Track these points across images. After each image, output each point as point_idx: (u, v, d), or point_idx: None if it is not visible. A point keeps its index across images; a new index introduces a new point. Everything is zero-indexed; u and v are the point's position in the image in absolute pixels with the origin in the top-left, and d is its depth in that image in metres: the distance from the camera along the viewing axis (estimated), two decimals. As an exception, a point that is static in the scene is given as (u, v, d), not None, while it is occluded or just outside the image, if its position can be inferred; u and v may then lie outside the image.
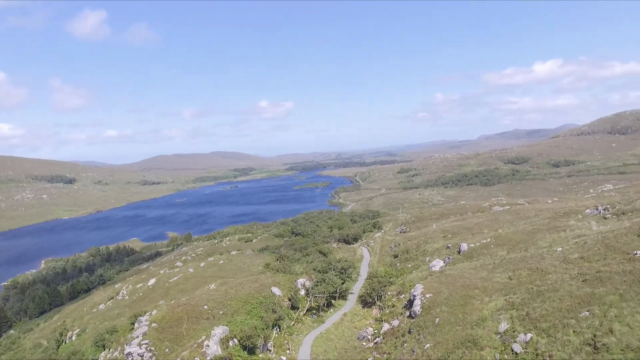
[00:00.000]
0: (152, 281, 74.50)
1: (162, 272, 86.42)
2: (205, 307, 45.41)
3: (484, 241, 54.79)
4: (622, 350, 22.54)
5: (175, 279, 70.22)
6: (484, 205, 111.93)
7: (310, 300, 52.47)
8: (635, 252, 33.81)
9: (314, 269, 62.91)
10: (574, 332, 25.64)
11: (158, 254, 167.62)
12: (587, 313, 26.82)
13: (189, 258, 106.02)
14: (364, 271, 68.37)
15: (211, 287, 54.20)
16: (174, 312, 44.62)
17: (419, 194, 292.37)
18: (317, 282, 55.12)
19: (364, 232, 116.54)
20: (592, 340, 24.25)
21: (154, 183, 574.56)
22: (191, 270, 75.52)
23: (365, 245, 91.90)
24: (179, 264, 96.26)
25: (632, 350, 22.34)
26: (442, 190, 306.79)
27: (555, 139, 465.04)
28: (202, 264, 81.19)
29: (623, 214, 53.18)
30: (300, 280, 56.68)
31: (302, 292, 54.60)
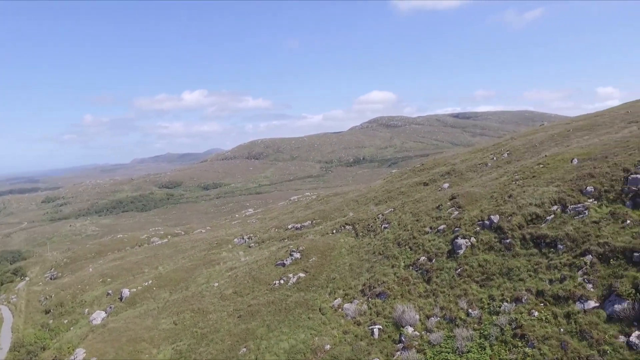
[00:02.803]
0: None
1: None
2: None
3: (146, 283, 55.15)
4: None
5: None
6: (142, 238, 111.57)
7: None
8: (274, 282, 40.29)
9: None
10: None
11: None
12: (245, 349, 30.63)
13: None
14: (5, 340, 58.36)
15: None
16: None
17: (70, 225, 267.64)
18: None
19: (1, 284, 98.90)
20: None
21: None
22: None
23: (4, 302, 78.21)
24: None
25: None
26: (97, 219, 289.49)
27: (204, 163, 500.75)
28: None
29: (262, 242, 62.09)
30: None
31: None
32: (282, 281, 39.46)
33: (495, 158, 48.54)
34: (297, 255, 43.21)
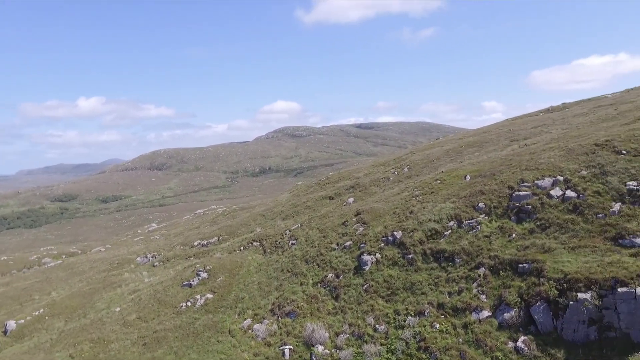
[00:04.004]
0: None
1: None
2: None
3: (37, 313, 50.74)
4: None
5: None
6: (31, 259, 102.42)
7: None
8: (181, 304, 38.99)
9: None
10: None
11: None
12: (149, 380, 29.28)
13: None
14: None
15: None
16: None
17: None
18: None
19: None
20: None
21: None
22: None
23: None
24: None
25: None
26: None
27: (102, 174, 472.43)
28: None
29: (167, 260, 59.85)
30: None
31: None
32: (189, 303, 38.29)
33: (396, 172, 50.90)
34: (204, 274, 42.19)
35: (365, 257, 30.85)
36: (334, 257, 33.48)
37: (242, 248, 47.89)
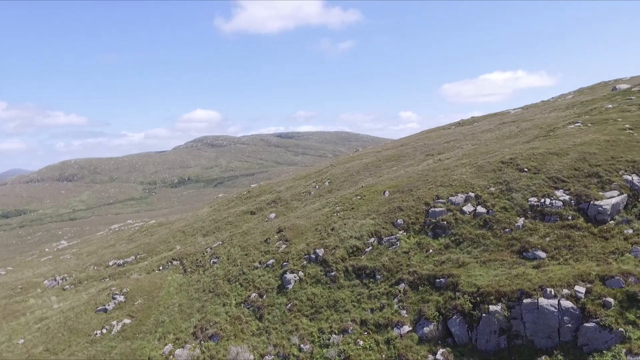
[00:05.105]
0: None
1: None
2: None
3: None
4: None
5: None
6: None
7: None
8: (95, 332, 36.84)
9: None
10: None
11: None
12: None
13: None
14: None
15: None
16: None
17: None
18: None
19: None
20: None
21: None
22: None
23: None
24: None
25: None
26: None
27: (3, 186, 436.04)
28: None
29: (80, 282, 56.37)
30: None
31: None
32: (104, 330, 36.25)
33: (317, 186, 51.51)
34: (121, 298, 40.18)
35: (289, 275, 30.87)
36: (257, 276, 33.20)
37: (161, 267, 46.18)
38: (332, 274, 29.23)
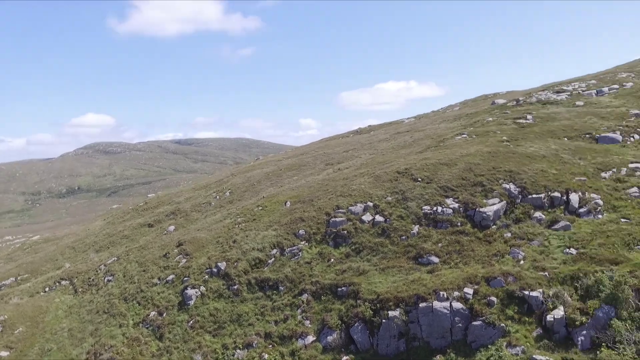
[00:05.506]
0: None
1: None
2: None
3: None
4: None
5: None
6: None
7: None
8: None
9: None
10: None
11: None
12: None
13: None
14: None
15: None
16: None
17: None
18: None
19: None
20: None
21: None
22: None
23: None
24: None
25: None
26: None
27: None
28: None
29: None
30: None
31: None
32: (-22, 364, 32.64)
33: (218, 197, 50.57)
34: (-1, 325, 36.43)
35: (190, 291, 29.96)
36: (157, 293, 31.82)
37: (47, 289, 42.53)
38: (235, 287, 28.84)
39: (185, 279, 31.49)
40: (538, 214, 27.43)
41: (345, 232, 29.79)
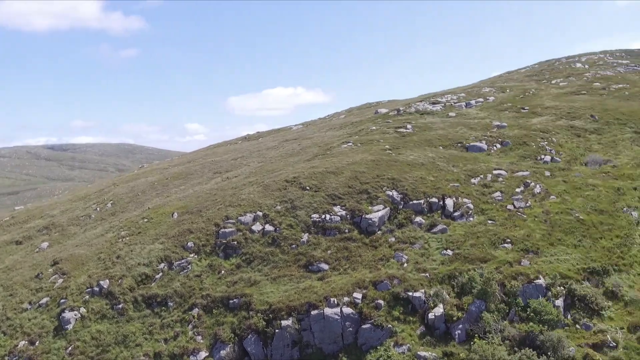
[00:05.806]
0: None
1: None
2: None
3: None
4: None
5: None
6: None
7: None
8: None
9: None
10: None
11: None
12: None
13: None
14: None
15: None
16: None
17: None
18: None
19: None
20: None
21: None
22: None
23: None
24: None
25: None
26: None
27: None
28: None
29: None
30: None
31: None
32: None
33: (99, 209, 47.34)
34: None
35: (67, 314, 27.66)
36: (27, 320, 28.86)
37: None
38: (120, 306, 27.19)
39: (62, 300, 29.00)
40: (419, 218, 29.44)
41: (236, 242, 29.51)
